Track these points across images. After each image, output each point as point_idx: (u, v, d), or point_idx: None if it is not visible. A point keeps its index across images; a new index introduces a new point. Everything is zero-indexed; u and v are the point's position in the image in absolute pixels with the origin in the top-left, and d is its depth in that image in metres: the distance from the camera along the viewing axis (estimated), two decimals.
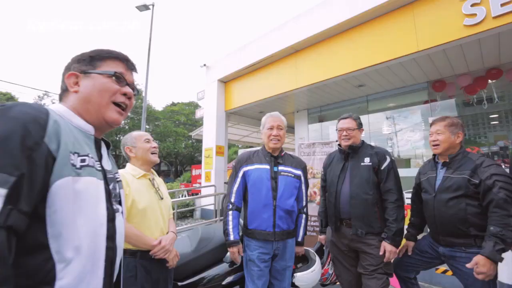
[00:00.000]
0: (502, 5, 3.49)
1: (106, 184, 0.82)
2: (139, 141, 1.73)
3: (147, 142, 1.76)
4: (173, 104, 30.36)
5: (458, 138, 1.86)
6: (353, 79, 5.77)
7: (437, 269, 3.39)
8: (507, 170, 1.81)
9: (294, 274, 2.02)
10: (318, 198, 4.77)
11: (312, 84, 5.83)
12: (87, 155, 0.76)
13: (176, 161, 26.98)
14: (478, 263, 1.53)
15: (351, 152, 2.13)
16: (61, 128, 0.70)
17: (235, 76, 7.68)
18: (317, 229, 4.33)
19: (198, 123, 25.41)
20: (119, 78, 0.87)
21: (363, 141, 2.19)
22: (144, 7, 11.06)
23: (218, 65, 8.12)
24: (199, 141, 25.39)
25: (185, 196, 9.66)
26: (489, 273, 1.52)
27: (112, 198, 0.84)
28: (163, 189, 1.79)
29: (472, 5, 3.74)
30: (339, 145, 2.20)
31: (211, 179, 7.53)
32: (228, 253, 2.04)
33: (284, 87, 6.33)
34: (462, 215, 1.70)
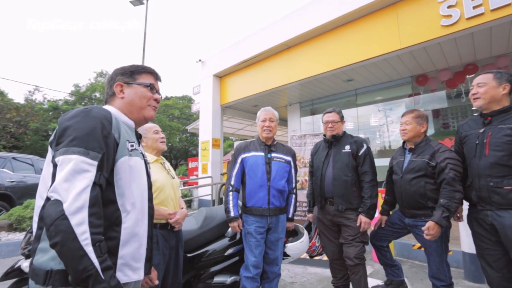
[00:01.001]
0: (474, 7, 3.85)
1: (145, 163, 1.14)
2: (149, 132, 2.04)
3: (156, 133, 2.07)
4: (167, 98, 30.37)
5: (423, 128, 2.22)
6: (342, 74, 6.11)
7: (413, 245, 3.81)
8: None
9: (286, 245, 2.38)
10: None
11: (303, 79, 6.15)
12: (134, 142, 1.07)
13: (171, 155, 27.18)
14: (429, 227, 1.91)
15: (334, 141, 2.47)
16: (120, 124, 1.02)
17: (230, 71, 7.94)
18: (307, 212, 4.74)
19: (192, 117, 25.56)
20: (152, 88, 1.19)
21: (344, 131, 2.53)
22: (138, 2, 11.15)
23: (213, 60, 8.35)
24: (194, 135, 25.64)
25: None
26: (436, 235, 1.91)
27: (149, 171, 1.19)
28: (172, 171, 2.12)
29: (448, 7, 4.09)
30: (324, 135, 2.55)
31: (208, 171, 7.85)
32: (230, 229, 2.39)
33: (277, 81, 6.63)
34: (422, 191, 2.08)
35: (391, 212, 2.50)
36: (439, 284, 2.08)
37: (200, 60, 8.97)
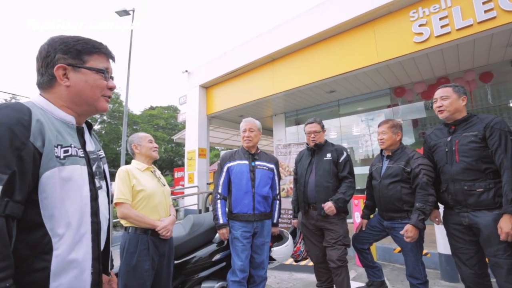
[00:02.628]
0: (441, 26, 4.18)
1: (89, 167, 0.91)
2: (144, 140, 2.12)
3: (150, 142, 2.15)
4: (152, 108, 30.10)
5: (398, 136, 2.41)
6: (325, 85, 6.36)
7: (394, 249, 3.98)
8: None
9: (271, 249, 2.47)
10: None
11: (288, 90, 6.35)
12: (69, 146, 0.84)
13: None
14: (407, 230, 2.07)
15: (316, 149, 2.62)
16: (44, 126, 0.77)
17: (216, 82, 8.07)
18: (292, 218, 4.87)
19: (177, 127, 25.41)
20: (106, 74, 0.93)
21: (326, 140, 2.69)
22: (124, 12, 11.19)
23: (200, 71, 8.47)
24: (179, 145, 25.43)
25: None
26: (414, 237, 2.07)
27: (96, 178, 0.93)
28: (163, 179, 2.18)
29: (419, 25, 4.42)
30: (307, 144, 2.69)
31: (194, 181, 7.84)
32: (217, 235, 2.46)
33: (262, 92, 6.81)
34: (398, 195, 2.24)
35: (371, 216, 2.64)
36: (415, 282, 2.22)
37: (186, 71, 9.06)
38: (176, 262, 2.25)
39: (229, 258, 2.40)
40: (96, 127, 22.80)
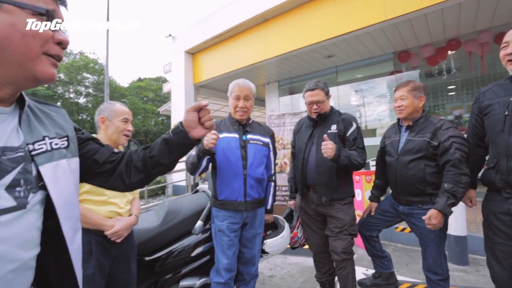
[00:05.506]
0: None
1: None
2: (117, 117, 1.56)
3: (125, 122, 1.59)
4: (140, 80, 28.70)
5: (421, 101, 1.90)
6: (323, 49, 5.73)
7: (396, 228, 3.65)
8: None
9: (264, 241, 2.05)
10: (288, 169, 4.86)
11: (282, 55, 5.72)
12: None
13: (146, 139, 26.02)
14: (431, 216, 1.64)
15: (319, 120, 2.11)
16: None
17: (203, 47, 7.33)
18: (288, 198, 4.47)
19: (167, 99, 24.37)
20: (51, 18, 0.61)
21: (332, 107, 2.17)
22: None
23: (185, 35, 7.66)
24: (170, 118, 24.51)
25: None
26: (438, 225, 1.65)
27: (17, 191, 0.58)
28: None
29: None
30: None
31: None
32: (197, 224, 2.02)
33: (254, 58, 6.16)
34: (421, 175, 1.79)
35: (381, 198, 2.22)
36: (435, 278, 1.85)
37: (170, 35, 8.23)
38: (146, 259, 1.83)
39: (214, 251, 1.98)
40: (82, 100, 21.64)
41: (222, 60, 6.87)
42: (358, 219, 2.21)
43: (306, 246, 2.39)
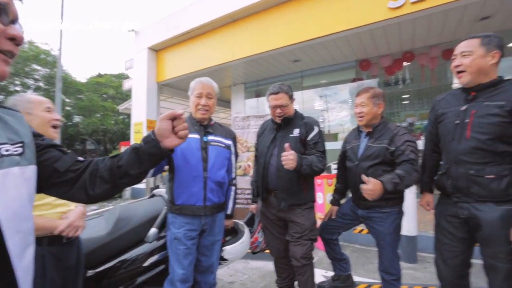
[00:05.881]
0: None
1: None
2: (37, 108, 1.33)
3: (48, 111, 1.38)
4: (100, 76, 26.93)
5: (380, 108, 1.96)
6: (289, 53, 5.81)
7: (354, 229, 3.77)
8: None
9: (223, 248, 1.96)
10: (252, 171, 4.83)
11: (249, 56, 5.70)
12: None
13: (105, 139, 24.43)
14: (372, 182, 1.61)
15: (282, 124, 2.08)
16: None
17: (168, 44, 7.04)
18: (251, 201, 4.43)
19: (129, 97, 23.17)
20: (3, 12, 0.56)
21: (296, 111, 2.15)
22: None
23: (149, 31, 7.31)
24: (130, 117, 23.17)
25: None
26: (373, 194, 1.61)
27: None
28: None
29: None
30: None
31: None
32: (151, 232, 1.86)
33: (221, 58, 6.05)
34: None
35: (342, 202, 2.26)
36: (388, 278, 1.91)
37: (133, 30, 7.80)
38: (90, 272, 1.64)
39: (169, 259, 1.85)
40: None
41: (188, 59, 6.66)
42: (319, 222, 2.22)
43: (267, 251, 2.35)
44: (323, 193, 3.73)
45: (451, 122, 1.56)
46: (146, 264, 1.84)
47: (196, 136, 1.81)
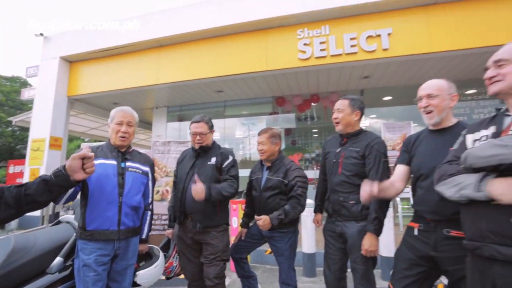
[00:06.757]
0: (320, 50, 4.75)
1: None
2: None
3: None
4: None
5: (277, 146, 2.38)
6: (214, 84, 6.19)
7: (265, 251, 4.14)
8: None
9: (136, 273, 1.98)
10: (170, 197, 4.82)
11: (174, 82, 5.83)
12: None
13: None
14: (263, 219, 2.11)
15: (201, 152, 2.31)
16: None
17: (86, 58, 6.57)
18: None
19: (25, 106, 19.66)
20: None
21: (214, 141, 2.41)
22: None
23: (64, 39, 6.69)
24: (25, 130, 19.59)
25: None
26: (264, 227, 2.13)
27: None
28: None
29: (304, 44, 4.88)
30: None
31: None
32: (55, 261, 1.77)
33: (145, 80, 6.00)
34: (277, 207, 2.22)
35: (250, 224, 2.56)
36: None
37: (41, 34, 6.99)
38: None
39: None
40: None
41: (109, 76, 6.33)
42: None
43: (182, 276, 2.43)
44: (238, 217, 4.01)
45: (331, 160, 2.09)
46: None
47: (113, 162, 1.87)
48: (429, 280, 1.51)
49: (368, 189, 1.47)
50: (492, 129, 1.13)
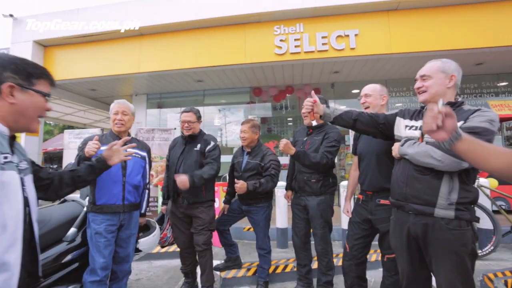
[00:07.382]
0: (295, 46, 5.17)
1: (20, 177, 0.93)
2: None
3: None
4: None
5: (256, 135, 2.81)
6: (194, 74, 6.43)
7: (244, 228, 4.64)
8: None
9: (138, 240, 2.37)
10: (154, 181, 5.16)
11: (154, 71, 5.99)
12: (8, 153, 0.89)
13: None
14: (241, 184, 2.50)
15: (189, 139, 2.69)
16: None
17: (63, 43, 6.46)
18: (154, 209, 4.80)
19: None
20: (48, 97, 1.05)
21: (201, 130, 2.80)
22: None
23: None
24: None
25: None
26: (240, 191, 2.52)
27: (24, 187, 0.94)
28: None
29: (280, 40, 5.26)
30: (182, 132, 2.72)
31: None
32: (71, 231, 2.11)
33: (125, 68, 6.09)
34: None
35: (232, 201, 3.02)
36: (262, 252, 2.76)
37: (11, 16, 6.73)
38: None
39: (82, 257, 2.12)
40: None
41: (88, 62, 6.31)
42: None
43: (174, 247, 2.84)
44: (219, 198, 4.44)
45: (299, 147, 2.55)
46: (63, 261, 2.06)
47: None
48: (370, 237, 2.06)
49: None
50: (420, 123, 1.49)
